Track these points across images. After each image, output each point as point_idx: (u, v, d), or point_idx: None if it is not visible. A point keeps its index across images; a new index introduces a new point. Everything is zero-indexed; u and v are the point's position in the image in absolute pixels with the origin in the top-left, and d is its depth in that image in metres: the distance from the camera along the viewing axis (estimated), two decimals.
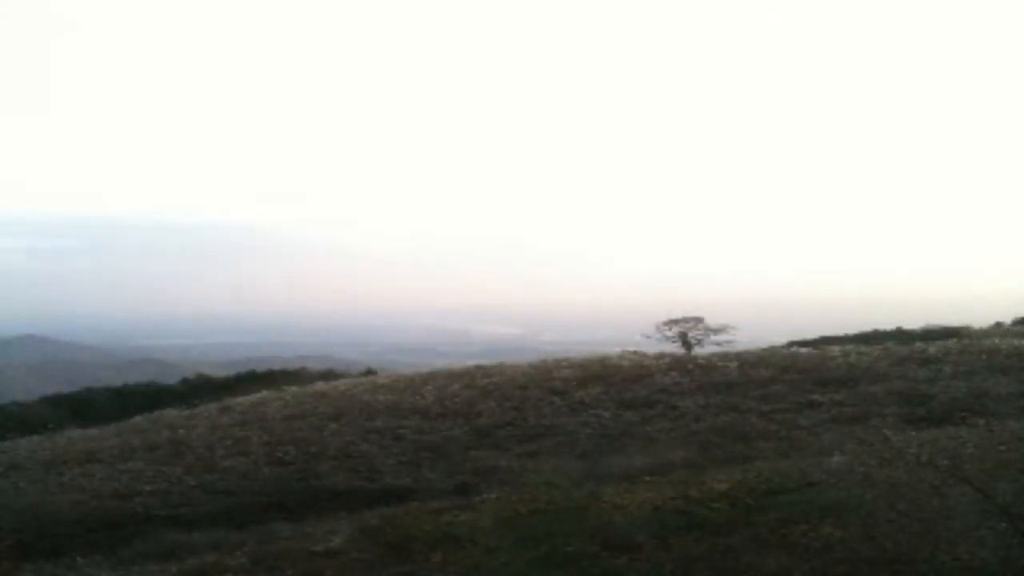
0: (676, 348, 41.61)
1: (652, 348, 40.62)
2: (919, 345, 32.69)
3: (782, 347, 38.81)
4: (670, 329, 43.61)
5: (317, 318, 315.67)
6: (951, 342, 33.04)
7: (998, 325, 42.12)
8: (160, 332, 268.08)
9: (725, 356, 34.91)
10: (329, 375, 51.12)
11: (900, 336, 38.79)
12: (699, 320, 43.63)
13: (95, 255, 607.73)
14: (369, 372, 50.55)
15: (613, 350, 39.31)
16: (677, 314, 44.11)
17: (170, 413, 35.97)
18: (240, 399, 37.05)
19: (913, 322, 43.14)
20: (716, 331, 42.72)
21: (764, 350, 36.76)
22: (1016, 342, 31.19)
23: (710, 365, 32.44)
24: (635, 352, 38.09)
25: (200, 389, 49.90)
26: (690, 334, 42.67)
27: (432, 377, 35.55)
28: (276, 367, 62.56)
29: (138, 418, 36.01)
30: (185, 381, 56.47)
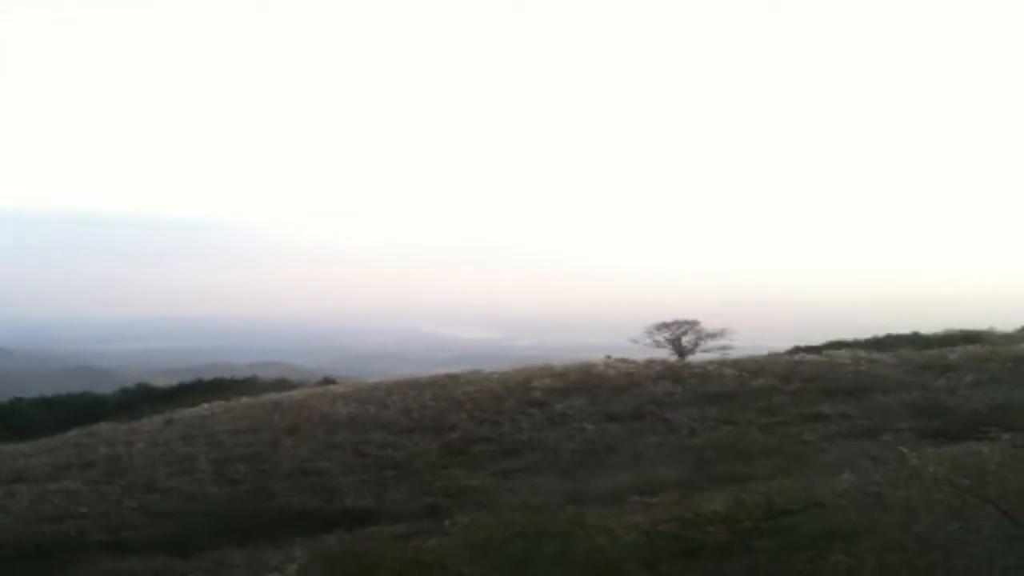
0: (668, 354, 41.60)
1: (641, 354, 40.60)
2: (937, 351, 32.71)
3: (785, 354, 38.77)
4: (661, 333, 43.59)
5: (271, 322, 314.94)
6: (972, 348, 33.07)
7: None
8: (96, 337, 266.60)
9: (722, 363, 34.92)
10: (284, 384, 51.02)
11: (916, 341, 38.85)
12: (693, 324, 43.65)
13: (20, 253, 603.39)
14: (328, 381, 50.50)
15: (598, 357, 39.24)
16: (669, 317, 44.14)
17: (107, 427, 35.76)
18: (185, 411, 36.93)
19: (930, 326, 43.20)
20: (712, 336, 42.76)
21: (765, 357, 36.73)
22: None
23: (705, 373, 32.44)
24: (622, 359, 38.04)
25: (141, 400, 49.74)
26: (683, 339, 42.67)
27: (398, 387, 35.45)
28: (225, 375, 62.26)
29: (72, 432, 35.73)
30: (124, 391, 56.25)
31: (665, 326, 43.56)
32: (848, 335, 44.38)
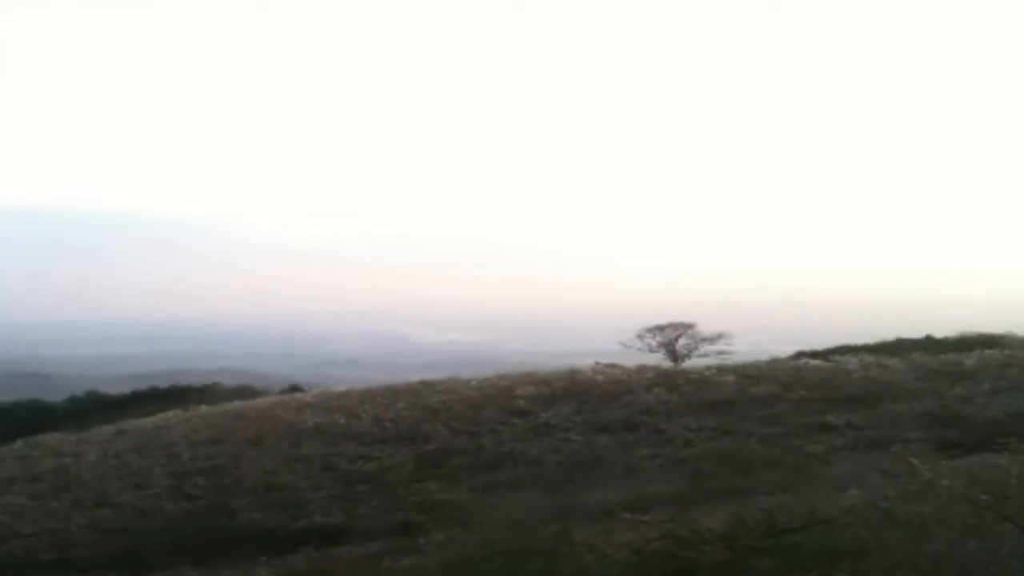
0: (661, 359, 41.65)
1: (632, 359, 40.57)
2: (952, 356, 32.66)
3: (788, 359, 38.75)
4: (654, 337, 43.66)
5: (233, 325, 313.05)
6: (989, 353, 32.97)
7: None
8: (43, 341, 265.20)
9: (720, 369, 34.85)
10: (246, 392, 50.77)
11: (929, 346, 38.72)
12: (689, 326, 43.73)
13: None
14: (294, 388, 50.33)
15: (586, 362, 39.21)
16: (663, 319, 44.20)
17: (55, 437, 35.57)
18: (139, 421, 36.74)
19: (944, 329, 43.09)
20: (709, 339, 42.85)
21: (766, 363, 36.69)
22: None
23: (702, 380, 32.42)
24: (612, 364, 37.98)
25: (91, 408, 49.38)
26: (678, 343, 42.74)
27: (370, 394, 35.34)
28: (182, 382, 61.97)
29: (16, 444, 35.54)
30: (73, 399, 55.79)
31: (658, 329, 43.63)
32: (855, 339, 44.32)
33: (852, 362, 33.15)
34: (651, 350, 43.32)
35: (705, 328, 43.34)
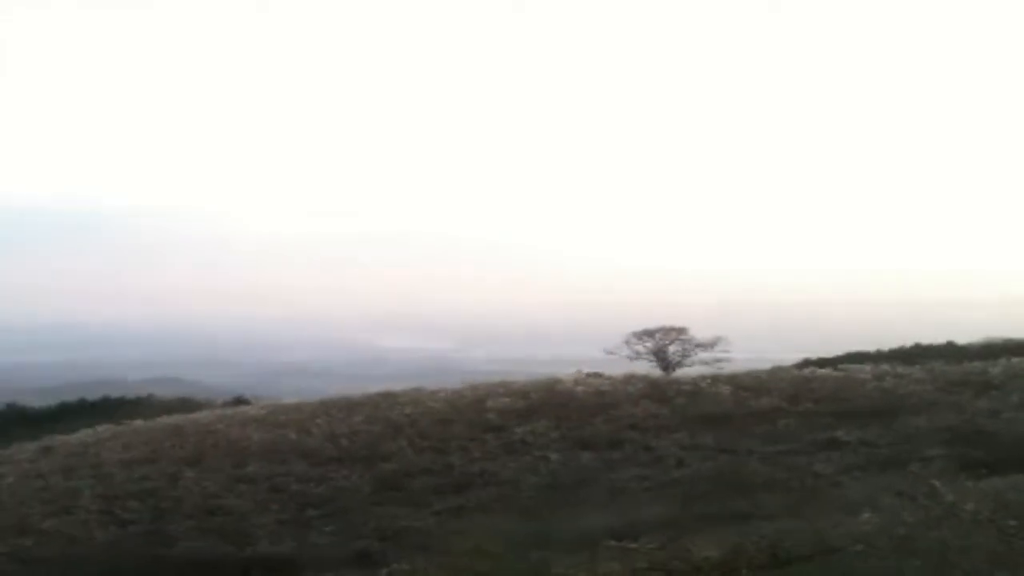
0: (651, 368, 41.66)
1: (619, 368, 40.60)
2: (976, 365, 32.62)
3: (793, 367, 38.76)
4: (643, 343, 43.66)
5: (171, 329, 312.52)
6: (1018, 361, 32.85)
7: None
8: None
9: (716, 379, 34.86)
10: (186, 405, 50.77)
11: (951, 353, 38.76)
12: (681, 331, 43.75)
13: None
14: (240, 401, 50.26)
15: (567, 371, 39.19)
16: (653, 323, 44.19)
17: None
18: (66, 437, 36.62)
19: (968, 334, 43.14)
20: (704, 346, 42.88)
21: (769, 372, 36.72)
22: None
23: (696, 391, 32.44)
24: (596, 374, 37.96)
25: (12, 423, 49.34)
26: (669, 349, 42.74)
27: (324, 408, 35.29)
28: (114, 393, 61.81)
29: None
30: None
31: (648, 334, 43.63)
32: (868, 345, 44.46)
33: (865, 371, 33.19)
34: (639, 357, 43.32)
35: (700, 333, 43.39)
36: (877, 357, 40.18)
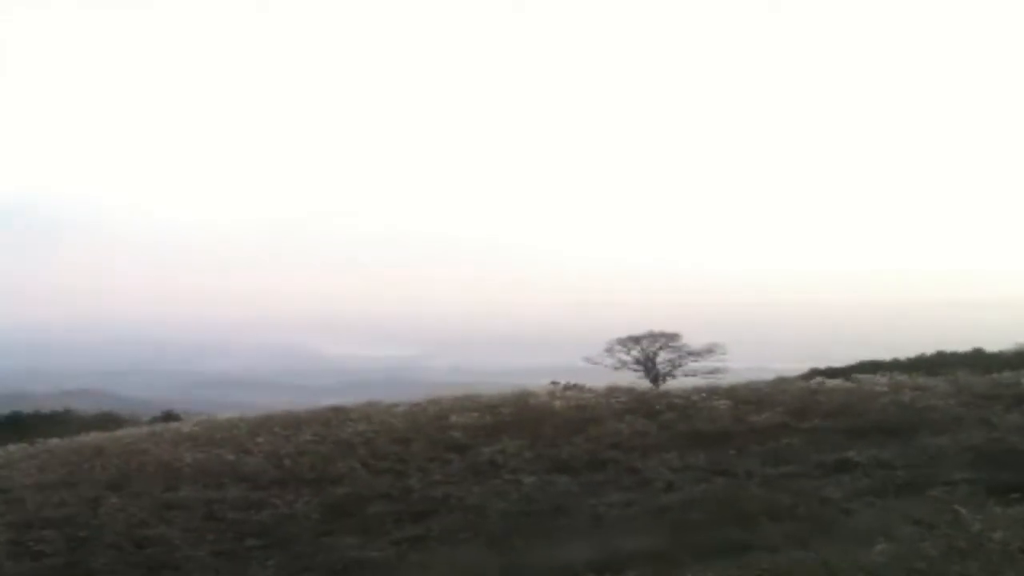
0: (637, 379, 41.73)
1: (601, 379, 40.66)
2: (1008, 375, 32.70)
3: (798, 378, 38.86)
4: (628, 351, 43.71)
5: (91, 334, 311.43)
6: None
7: None
8: None
9: (712, 391, 34.88)
10: (108, 421, 50.78)
11: (978, 361, 38.86)
12: (672, 337, 43.81)
13: None
14: (169, 416, 50.23)
15: (541, 383, 39.25)
16: (640, 328, 44.23)
17: None
18: None
19: (997, 340, 43.21)
20: (697, 354, 42.97)
21: (771, 383, 36.84)
22: None
23: (689, 406, 32.49)
24: (575, 385, 37.99)
25: None
26: (658, 358, 42.78)
27: (267, 424, 35.28)
28: (27, 408, 61.70)
29: None
30: None
31: (634, 341, 43.69)
32: (884, 353, 44.56)
33: (880, 383, 33.27)
34: (623, 367, 43.40)
35: (693, 339, 43.45)
36: (894, 366, 40.26)
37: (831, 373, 39.85)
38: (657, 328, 43.92)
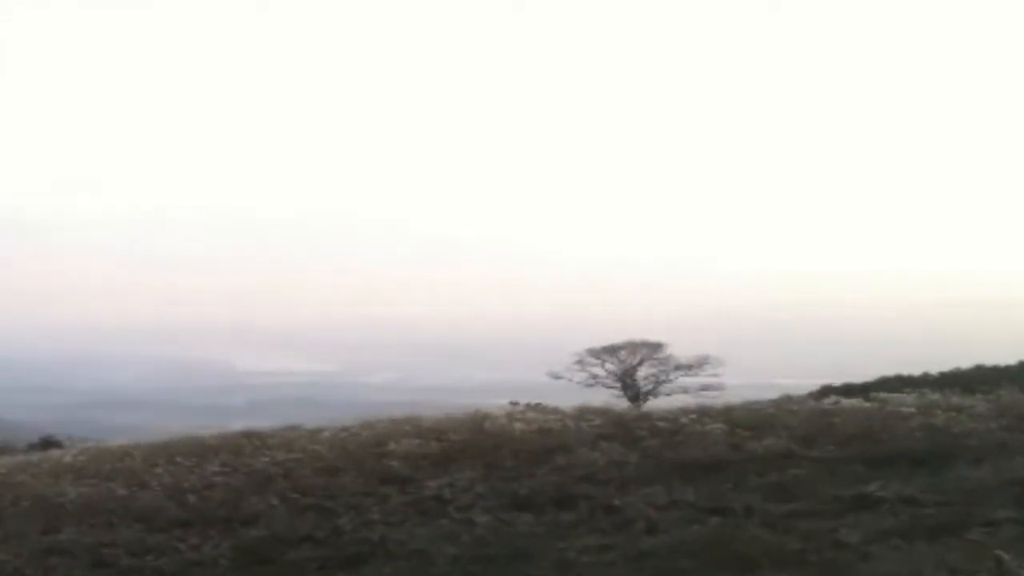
0: (613, 397, 41.75)
1: (570, 397, 40.68)
2: None
3: (808, 397, 38.84)
4: (603, 364, 43.67)
5: None
6: None
7: None
8: None
9: (704, 412, 34.76)
10: None
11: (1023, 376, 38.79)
12: (656, 348, 43.85)
13: None
14: (48, 443, 50.15)
15: (499, 402, 39.16)
16: (617, 336, 44.19)
17: None
18: None
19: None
20: (687, 368, 43.01)
21: (775, 403, 36.73)
22: None
23: (676, 429, 32.42)
24: (537, 405, 37.87)
25: None
26: (640, 372, 42.74)
27: (165, 452, 35.18)
28: None
29: None
30: None
31: (609, 352, 43.67)
32: (910, 367, 44.55)
33: (907, 402, 33.15)
34: (596, 383, 43.44)
35: (681, 350, 43.48)
36: (923, 382, 40.35)
37: (847, 391, 39.67)
38: (638, 336, 43.83)
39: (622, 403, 39.88)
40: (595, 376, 43.07)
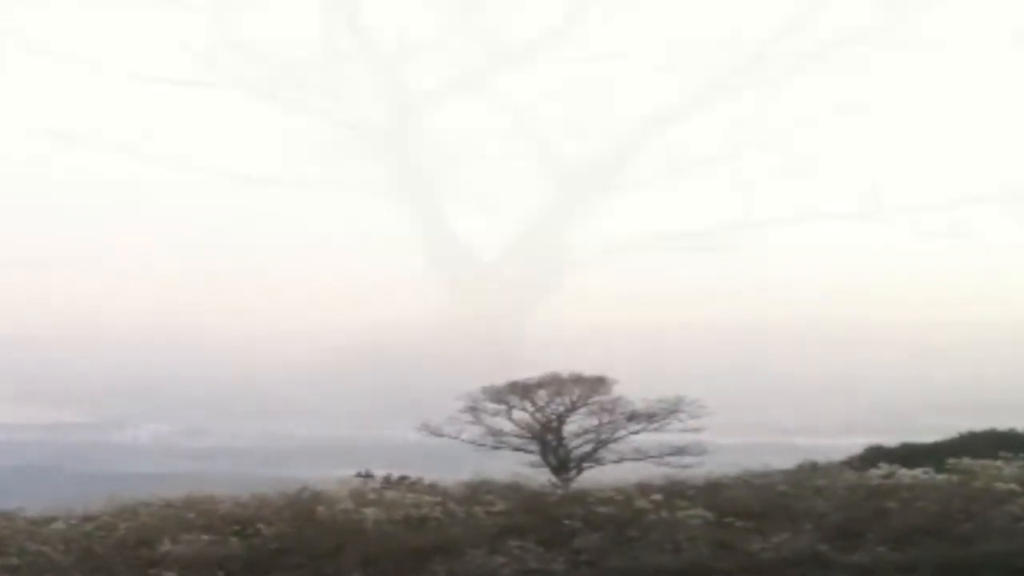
0: (528, 466, 40.30)
1: (457, 467, 39.28)
2: None
3: (846, 464, 37.53)
4: (509, 411, 42.29)
5: None
6: None
7: None
8: None
9: (675, 491, 33.32)
10: None
11: None
12: (597, 383, 42.35)
13: None
14: None
15: (339, 474, 37.93)
16: (533, 368, 42.91)
17: None
18: None
19: None
20: (647, 417, 41.52)
21: (790, 474, 35.42)
22: None
23: (630, 519, 30.87)
24: (401, 479, 36.56)
25: None
26: (570, 424, 41.38)
27: None
28: None
29: None
30: None
31: (521, 391, 42.20)
32: (1014, 418, 43.38)
33: (1005, 475, 31.92)
34: (501, 444, 42.04)
35: (638, 388, 42.09)
36: (1016, 442, 39.08)
37: (908, 455, 38.38)
38: (568, 367, 42.42)
39: (541, 476, 38.38)
40: (497, 432, 41.65)
